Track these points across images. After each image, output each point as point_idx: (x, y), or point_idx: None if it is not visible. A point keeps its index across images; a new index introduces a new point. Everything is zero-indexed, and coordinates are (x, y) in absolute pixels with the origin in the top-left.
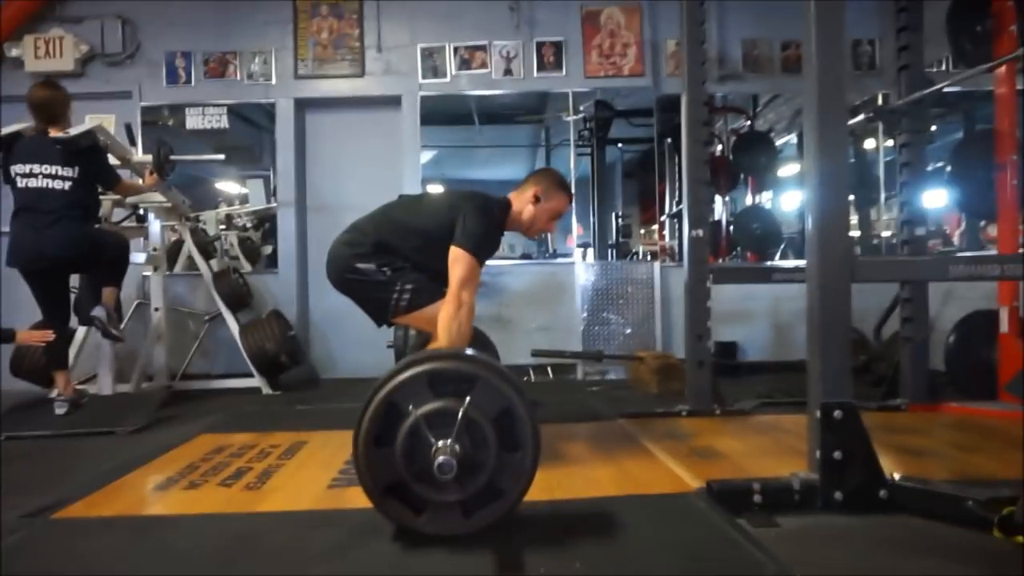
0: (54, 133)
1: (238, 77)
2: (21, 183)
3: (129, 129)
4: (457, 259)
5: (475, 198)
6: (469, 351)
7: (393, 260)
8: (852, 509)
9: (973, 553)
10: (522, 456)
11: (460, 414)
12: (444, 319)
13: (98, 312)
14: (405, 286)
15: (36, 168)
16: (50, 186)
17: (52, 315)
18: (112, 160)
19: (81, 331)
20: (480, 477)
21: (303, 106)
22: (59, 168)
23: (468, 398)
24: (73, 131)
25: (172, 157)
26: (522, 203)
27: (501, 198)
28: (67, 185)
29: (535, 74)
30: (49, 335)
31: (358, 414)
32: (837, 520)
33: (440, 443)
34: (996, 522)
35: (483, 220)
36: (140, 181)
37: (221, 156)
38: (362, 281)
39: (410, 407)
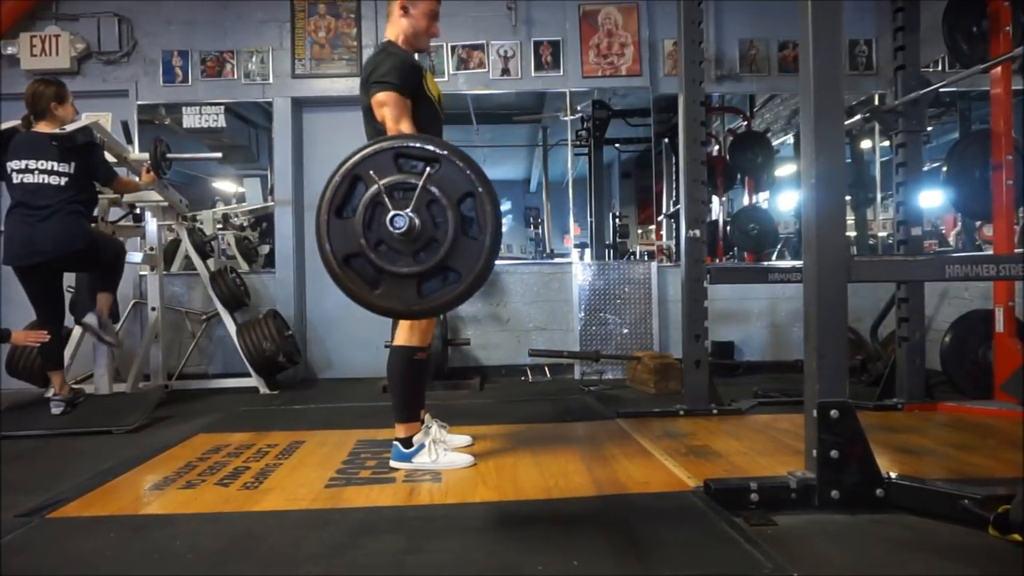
0: (47, 129)
1: (235, 76)
2: (17, 179)
3: (126, 127)
4: (379, 101)
5: (367, 61)
6: (437, 138)
7: None
8: (849, 508)
9: (969, 551)
10: (481, 240)
11: (420, 184)
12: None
13: (89, 319)
14: None
15: (32, 164)
16: (46, 181)
17: (46, 315)
18: (108, 158)
19: (77, 331)
20: (436, 253)
21: (300, 105)
22: (55, 164)
23: (428, 169)
24: (69, 127)
25: (169, 155)
26: (397, 25)
27: (381, 43)
28: (63, 180)
29: (532, 74)
30: (44, 335)
31: (323, 187)
32: (834, 519)
33: (397, 209)
34: (992, 520)
35: (385, 61)
36: (137, 179)
37: (218, 155)
38: None
39: (374, 178)
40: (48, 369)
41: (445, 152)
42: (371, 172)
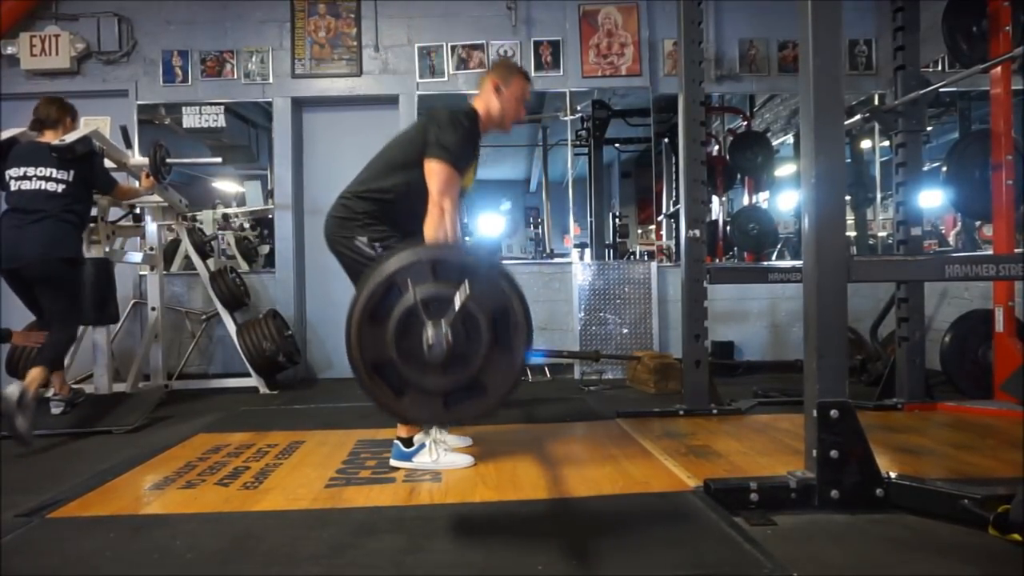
0: (50, 138)
1: (235, 76)
2: (14, 186)
3: (124, 131)
4: (433, 171)
5: (439, 113)
6: (475, 247)
7: (384, 233)
8: (849, 507)
9: (969, 551)
10: (512, 358)
11: (458, 301)
12: (429, 229)
13: (9, 394)
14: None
15: (30, 171)
16: (43, 187)
17: (43, 318)
18: (108, 163)
19: (78, 330)
20: (467, 369)
21: (300, 105)
22: (53, 171)
23: (467, 285)
24: (69, 137)
25: (168, 160)
26: (486, 100)
27: (466, 106)
28: (60, 188)
29: (532, 73)
30: (43, 337)
31: (357, 290)
32: (834, 518)
33: (434, 327)
34: (991, 520)
35: (453, 129)
36: (137, 184)
37: (218, 159)
38: (356, 258)
39: (410, 289)
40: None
41: (484, 268)
42: (408, 281)
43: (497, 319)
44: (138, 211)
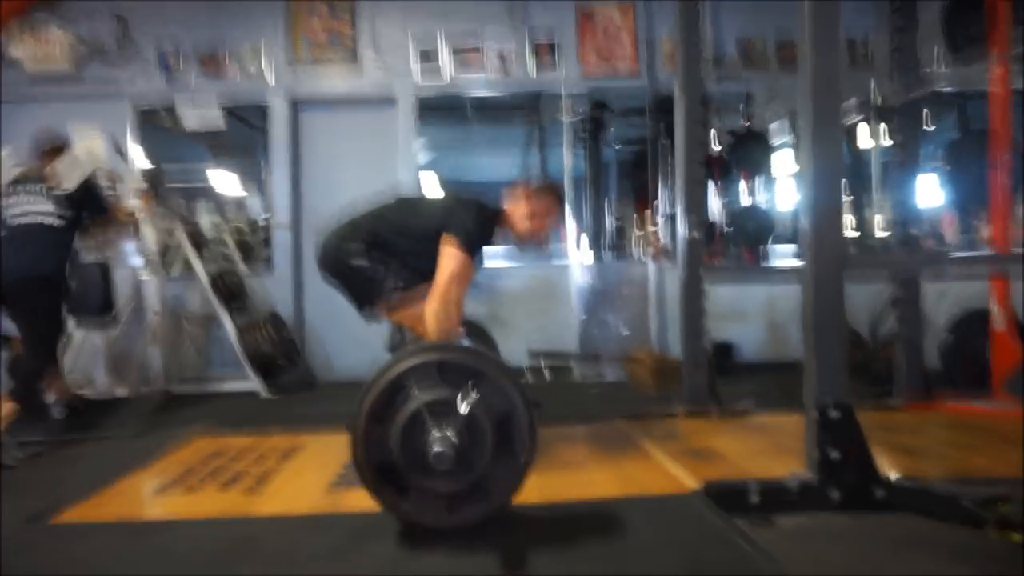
0: (44, 165)
1: (233, 76)
2: (13, 222)
3: (119, 147)
4: (449, 254)
5: (470, 203)
6: (482, 349)
7: (387, 258)
8: (849, 508)
9: (969, 551)
10: (516, 463)
11: (464, 409)
12: (431, 312)
13: None
14: (397, 283)
15: (30, 208)
16: (40, 221)
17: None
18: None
19: (77, 336)
20: (471, 475)
21: (298, 105)
22: (53, 207)
23: (475, 394)
24: (68, 182)
25: (166, 184)
26: (516, 208)
27: (496, 207)
28: (56, 222)
29: (531, 74)
30: None
31: (363, 389)
32: (834, 519)
33: (439, 432)
34: (992, 520)
35: (476, 221)
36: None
37: (214, 177)
38: (355, 276)
39: (415, 391)
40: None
41: (490, 371)
42: (414, 388)
43: (502, 423)
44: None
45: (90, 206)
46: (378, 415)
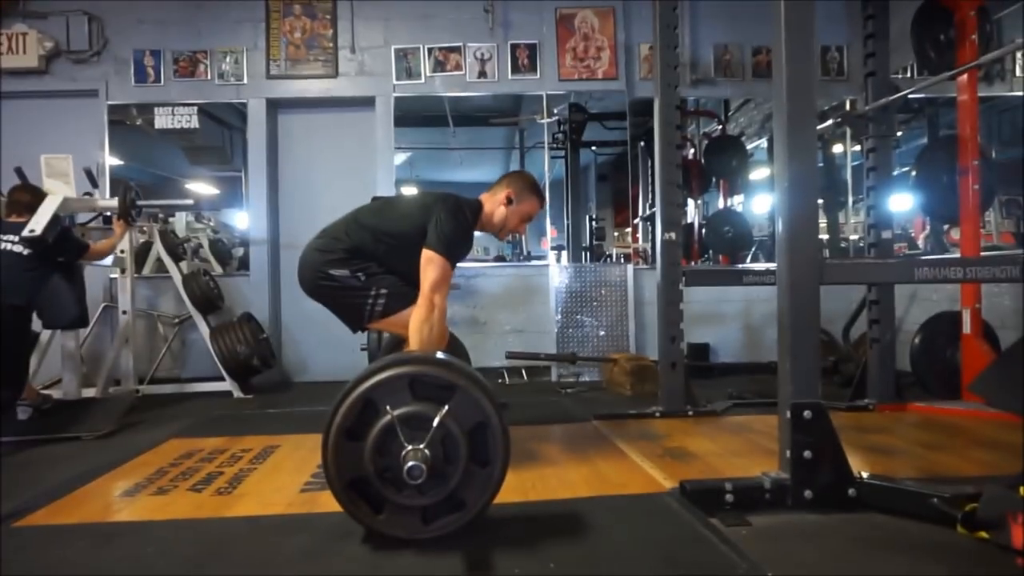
0: (17, 220)
1: (209, 76)
2: None
3: (89, 173)
4: (429, 261)
5: (447, 200)
6: (452, 360)
7: (367, 265)
8: (822, 507)
9: (938, 549)
10: (490, 471)
11: (436, 422)
12: (416, 322)
13: None
14: (380, 291)
15: (2, 237)
16: (10, 248)
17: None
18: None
19: (45, 335)
20: (445, 487)
21: (275, 107)
22: (22, 246)
23: (446, 407)
24: (38, 225)
25: (139, 203)
26: (494, 205)
27: (473, 200)
28: (27, 251)
29: (509, 76)
30: None
31: (333, 405)
32: (807, 518)
33: (412, 447)
34: (960, 519)
35: (455, 222)
36: (113, 232)
37: (190, 202)
38: (336, 288)
39: (387, 406)
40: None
41: (461, 382)
42: (386, 403)
43: (475, 434)
44: (109, 214)
45: (64, 250)
46: (349, 431)
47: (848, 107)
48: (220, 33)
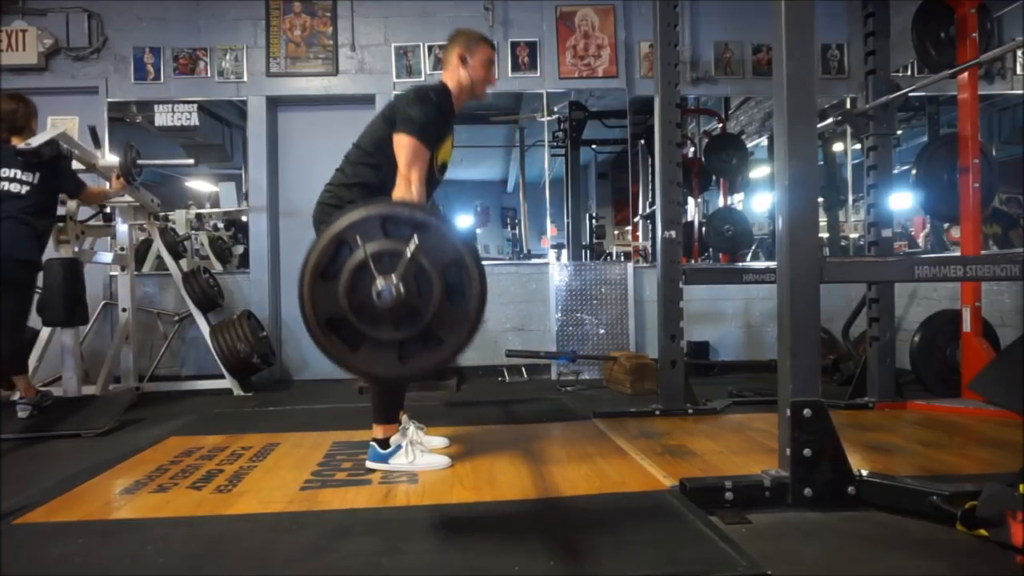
0: (17, 143)
1: (209, 74)
2: None
3: (93, 132)
4: (401, 144)
5: (408, 92)
6: (425, 204)
7: (362, 194)
8: (821, 505)
9: (937, 547)
10: (466, 309)
11: (408, 254)
12: (397, 197)
13: None
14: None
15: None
16: (5, 188)
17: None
18: (77, 165)
19: (44, 332)
20: (420, 321)
21: (275, 104)
22: (18, 172)
23: (415, 241)
24: (35, 140)
25: (140, 161)
26: (454, 73)
27: (436, 82)
28: (24, 189)
29: (509, 74)
30: None
31: (307, 249)
32: (807, 516)
33: (383, 277)
34: (959, 516)
35: (419, 103)
36: (107, 186)
37: (190, 160)
38: None
39: (359, 243)
40: (12, 373)
41: (432, 220)
42: (357, 238)
43: (450, 272)
44: (109, 211)
45: (61, 177)
46: (323, 272)
47: (848, 105)
48: (220, 30)
